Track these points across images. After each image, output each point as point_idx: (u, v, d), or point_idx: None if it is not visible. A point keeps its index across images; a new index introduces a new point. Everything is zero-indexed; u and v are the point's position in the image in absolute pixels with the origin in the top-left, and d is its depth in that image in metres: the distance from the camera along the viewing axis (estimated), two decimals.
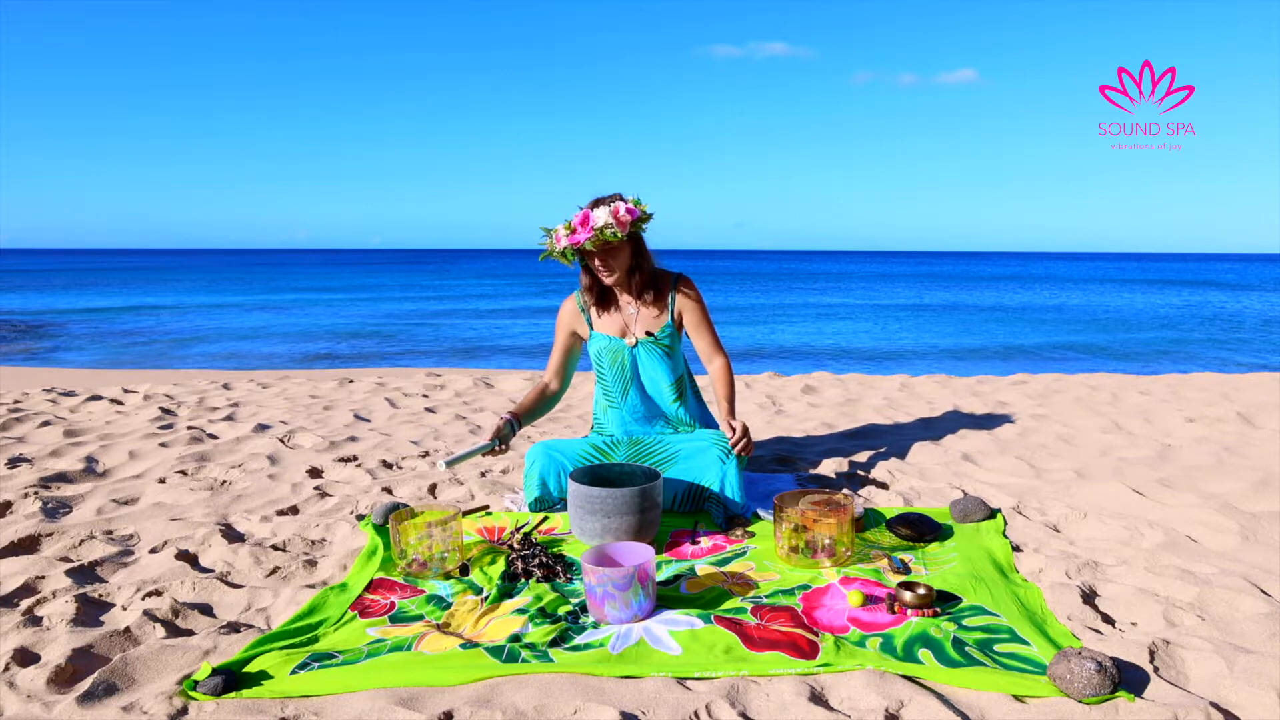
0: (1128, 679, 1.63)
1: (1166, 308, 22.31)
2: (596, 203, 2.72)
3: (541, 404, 3.02)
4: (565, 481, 2.77)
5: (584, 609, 2.01)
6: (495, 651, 1.78)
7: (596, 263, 2.76)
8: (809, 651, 1.77)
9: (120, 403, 4.95)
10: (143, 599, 2.11)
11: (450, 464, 2.55)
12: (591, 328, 2.96)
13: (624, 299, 2.90)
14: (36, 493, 2.99)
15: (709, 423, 3.05)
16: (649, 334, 2.87)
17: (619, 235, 2.64)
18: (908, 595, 1.97)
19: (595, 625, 1.93)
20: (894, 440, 3.85)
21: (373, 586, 2.20)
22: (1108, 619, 1.96)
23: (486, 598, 2.11)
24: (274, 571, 2.34)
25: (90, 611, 2.06)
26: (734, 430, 2.72)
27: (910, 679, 1.65)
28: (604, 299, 2.92)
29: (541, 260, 2.81)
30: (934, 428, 4.12)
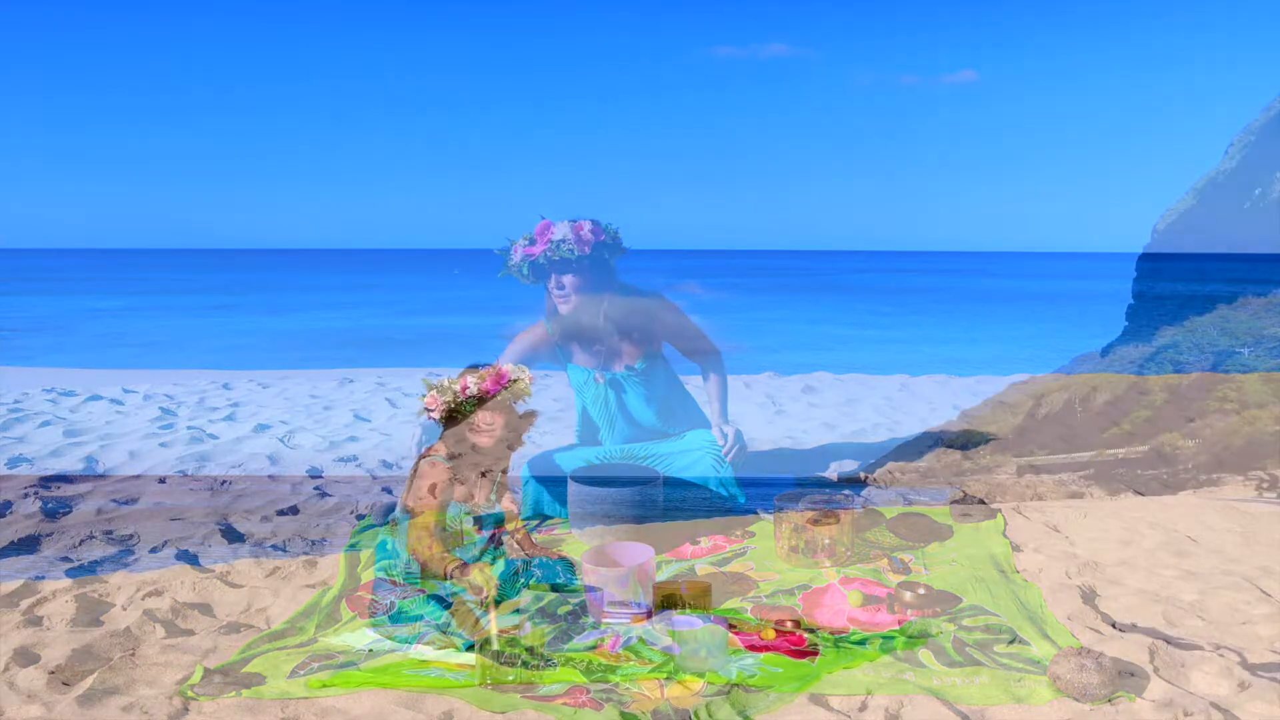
0: (1128, 679, 1.63)
1: None
2: None
3: None
4: (560, 499, 2.72)
5: (584, 609, 2.01)
6: (494, 654, 1.78)
7: (552, 284, 2.61)
8: (809, 652, 1.77)
9: (120, 403, 4.95)
10: (143, 599, 2.11)
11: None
12: (569, 359, 2.80)
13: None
14: (36, 493, 2.99)
15: (702, 421, 3.01)
16: (628, 366, 2.74)
17: (575, 253, 2.52)
18: (908, 595, 1.97)
19: (595, 625, 1.93)
20: (894, 440, 3.85)
21: (373, 587, 2.19)
22: (1108, 619, 1.96)
23: (486, 598, 2.11)
24: (274, 571, 2.34)
25: (90, 611, 2.06)
26: (724, 437, 2.70)
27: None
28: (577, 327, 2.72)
29: (501, 276, 2.64)
30: (934, 428, 4.12)
